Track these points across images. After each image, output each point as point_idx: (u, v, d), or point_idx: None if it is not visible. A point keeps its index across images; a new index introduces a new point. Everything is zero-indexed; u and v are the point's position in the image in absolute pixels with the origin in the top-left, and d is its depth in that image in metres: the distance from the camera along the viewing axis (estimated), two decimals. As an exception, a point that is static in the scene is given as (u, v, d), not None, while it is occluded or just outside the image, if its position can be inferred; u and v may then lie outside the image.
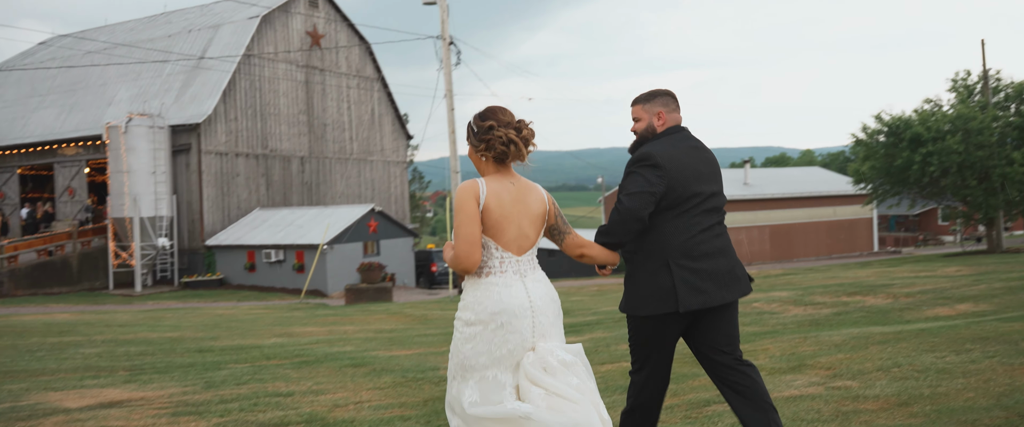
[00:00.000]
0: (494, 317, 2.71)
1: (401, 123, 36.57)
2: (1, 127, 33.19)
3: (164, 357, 8.58)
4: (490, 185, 2.80)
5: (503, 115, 2.89)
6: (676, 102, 3.40)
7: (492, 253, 2.79)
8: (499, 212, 2.77)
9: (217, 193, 28.60)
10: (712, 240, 3.21)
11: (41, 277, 24.96)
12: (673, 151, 3.20)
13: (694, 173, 3.22)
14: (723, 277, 3.19)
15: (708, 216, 3.23)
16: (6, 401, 5.69)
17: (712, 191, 3.26)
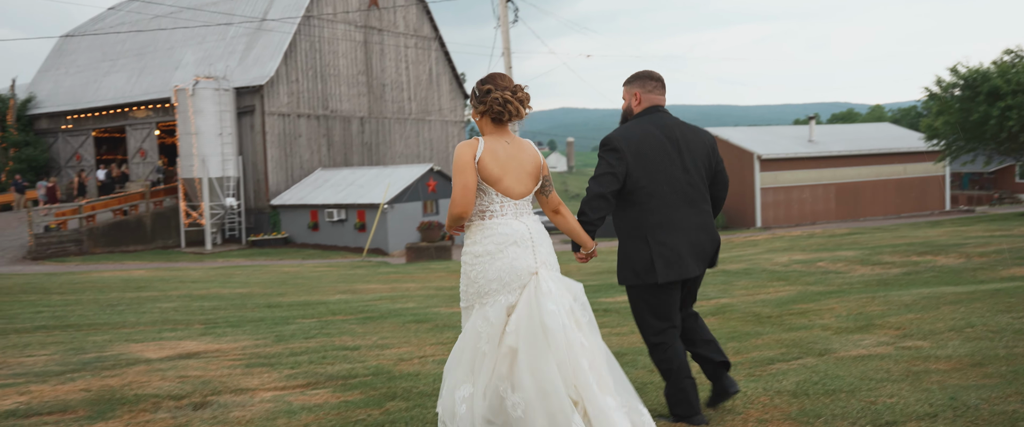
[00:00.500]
0: (500, 247, 3.10)
1: (458, 82, 36.58)
2: (75, 91, 34.43)
3: (236, 312, 8.90)
4: (487, 143, 3.17)
5: (501, 81, 3.23)
6: (656, 83, 3.66)
7: (493, 198, 3.18)
8: (495, 165, 3.14)
9: (280, 154, 29.22)
10: (691, 217, 3.51)
11: (117, 235, 26.05)
12: (639, 132, 3.49)
13: (662, 152, 3.48)
14: (699, 250, 3.53)
15: (684, 190, 3.50)
16: (91, 352, 6.01)
17: (684, 168, 3.51)
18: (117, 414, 4.07)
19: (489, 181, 3.15)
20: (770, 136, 38.83)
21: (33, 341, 6.64)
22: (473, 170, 3.12)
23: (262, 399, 4.36)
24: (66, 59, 36.54)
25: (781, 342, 5.53)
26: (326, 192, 27.75)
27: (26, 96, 35.04)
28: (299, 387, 4.66)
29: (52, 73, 36.32)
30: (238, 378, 4.90)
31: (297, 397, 4.39)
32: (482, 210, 3.20)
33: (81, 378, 4.94)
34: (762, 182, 34.79)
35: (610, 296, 9.40)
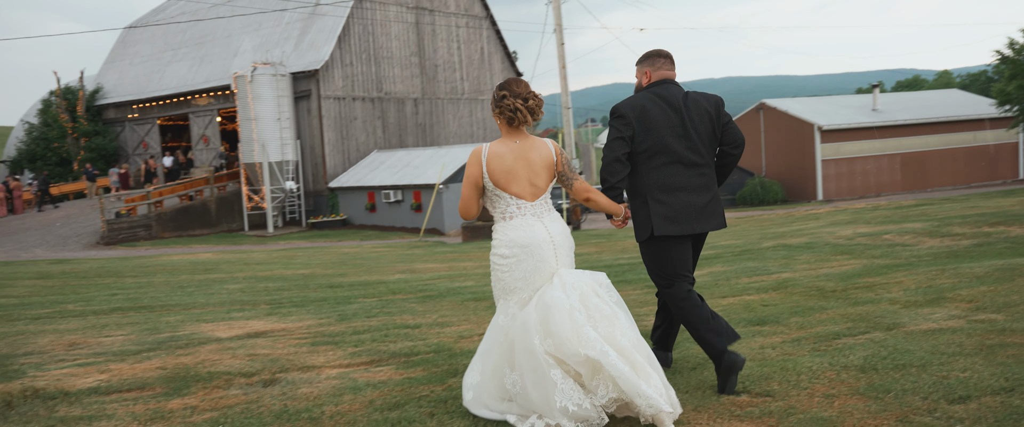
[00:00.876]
0: (524, 249, 3.30)
1: (510, 61, 36.49)
2: (140, 81, 35.51)
3: (299, 292, 9.12)
4: (493, 148, 3.39)
5: (516, 87, 3.44)
6: (665, 60, 3.91)
7: (508, 201, 3.38)
8: (501, 168, 3.33)
9: (337, 137, 29.68)
10: (690, 179, 3.75)
11: (184, 220, 26.91)
12: (642, 101, 3.76)
13: (666, 121, 3.73)
14: (698, 210, 3.74)
15: (684, 157, 3.74)
16: (165, 332, 6.24)
17: (685, 134, 3.74)
18: (192, 390, 4.22)
19: (500, 186, 3.35)
20: (831, 106, 37.75)
21: (110, 322, 6.93)
22: (473, 183, 3.38)
23: (328, 376, 4.47)
24: (130, 50, 37.67)
25: (847, 316, 5.42)
26: (382, 174, 28.12)
27: (94, 87, 36.28)
28: (363, 364, 4.76)
29: (117, 64, 37.51)
30: (304, 356, 5.03)
31: (361, 374, 4.49)
32: (502, 213, 3.43)
33: (156, 357, 5.14)
34: (823, 154, 33.90)
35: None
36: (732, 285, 7.64)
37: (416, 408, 3.69)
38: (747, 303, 6.41)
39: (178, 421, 3.68)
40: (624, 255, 13.20)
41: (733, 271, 8.86)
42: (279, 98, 27.52)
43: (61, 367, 4.93)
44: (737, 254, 11.14)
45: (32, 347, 5.72)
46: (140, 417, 3.76)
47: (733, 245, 13.11)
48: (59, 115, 34.71)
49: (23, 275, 12.85)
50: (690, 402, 3.56)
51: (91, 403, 4.04)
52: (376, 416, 3.60)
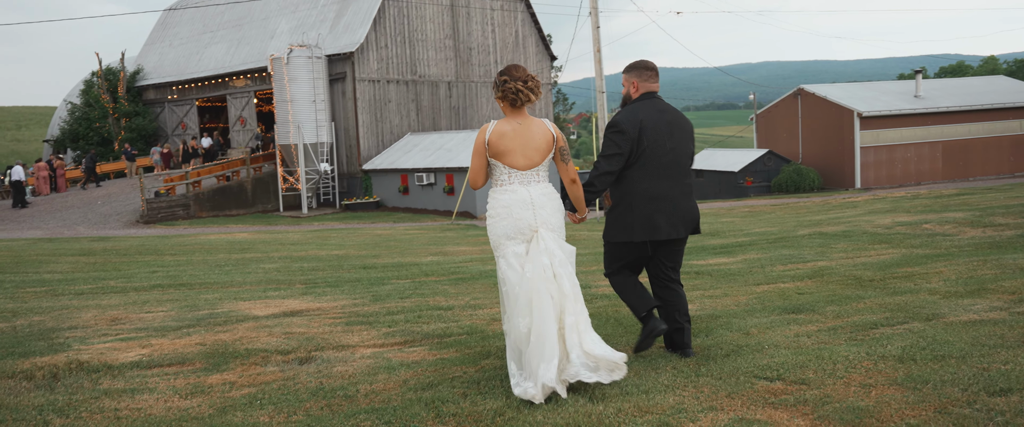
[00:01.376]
0: (505, 208, 3.78)
1: (545, 44, 36.30)
2: (179, 63, 36.02)
3: (333, 273, 9.23)
4: (497, 126, 3.81)
5: (516, 72, 3.82)
6: (651, 73, 4.19)
7: (502, 170, 3.82)
8: (502, 144, 3.78)
9: (371, 119, 29.84)
10: (672, 185, 4.07)
11: (220, 200, 27.33)
12: (638, 117, 4.04)
13: (655, 133, 4.02)
14: (678, 218, 4.07)
15: (668, 167, 4.05)
16: (204, 309, 6.37)
17: (671, 147, 4.06)
18: (231, 366, 4.31)
19: (496, 156, 3.81)
20: (871, 92, 36.98)
21: (151, 299, 7.09)
22: (481, 154, 3.83)
23: (362, 355, 4.53)
24: (170, 32, 38.20)
25: (885, 306, 5.34)
26: (415, 156, 28.24)
27: (134, 68, 36.90)
28: (397, 345, 4.82)
29: (157, 45, 38.07)
30: (339, 335, 5.10)
31: (395, 354, 4.54)
32: (496, 179, 3.87)
33: (196, 333, 5.25)
34: (862, 141, 33.27)
35: (702, 258, 9.25)
36: (767, 272, 7.57)
37: (449, 388, 3.73)
38: (782, 291, 6.35)
39: (217, 396, 3.76)
40: (657, 241, 13.14)
41: (768, 259, 8.78)
42: (314, 80, 27.73)
43: (104, 341, 5.06)
44: (772, 241, 11.02)
45: (76, 321, 5.88)
46: (181, 391, 3.85)
47: (768, 232, 12.98)
48: (101, 96, 35.38)
49: (66, 251, 13.18)
50: (724, 388, 3.55)
51: (133, 377, 4.15)
52: (410, 395, 3.64)
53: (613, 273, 4.26)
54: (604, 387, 3.61)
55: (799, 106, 36.19)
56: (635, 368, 3.99)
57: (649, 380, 3.76)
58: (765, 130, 38.92)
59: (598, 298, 6.36)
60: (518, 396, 3.49)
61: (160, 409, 3.57)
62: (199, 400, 3.70)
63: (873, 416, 3.09)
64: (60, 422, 3.40)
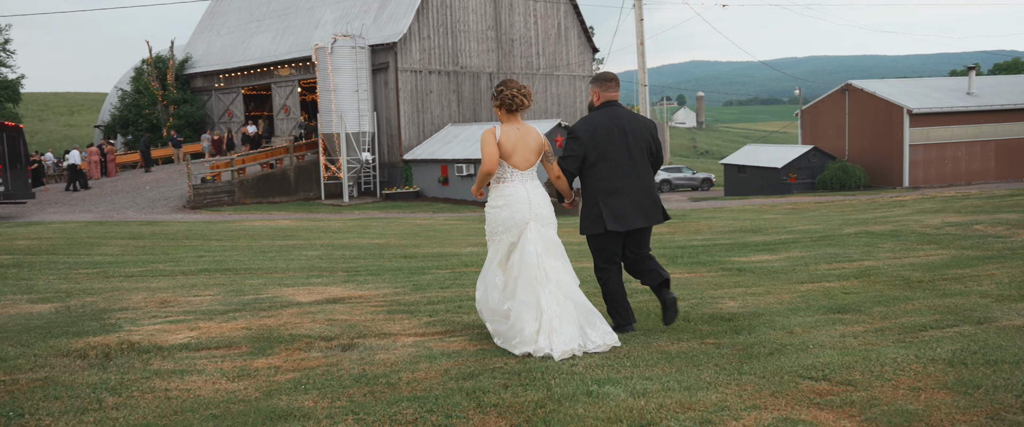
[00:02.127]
0: (506, 202, 4.40)
1: (587, 36, 36.11)
2: (226, 51, 36.64)
3: (374, 261, 9.33)
4: (503, 129, 4.45)
5: (512, 84, 4.50)
6: (612, 83, 4.78)
7: (506, 169, 4.46)
8: (508, 145, 4.41)
9: (412, 109, 30.03)
10: (632, 184, 4.65)
11: (264, 187, 27.78)
12: (596, 123, 4.65)
13: (608, 137, 4.63)
14: (639, 210, 4.65)
15: (626, 165, 4.64)
16: (249, 294, 6.49)
17: (627, 148, 4.64)
18: (276, 351, 4.39)
19: (503, 156, 4.40)
20: (922, 88, 36.05)
21: (198, 283, 7.25)
22: (495, 147, 4.38)
23: (404, 344, 4.57)
24: (217, 21, 38.85)
25: (934, 308, 5.22)
26: (456, 147, 28.34)
27: (183, 56, 37.64)
28: (438, 334, 4.85)
29: (205, 34, 38.76)
30: (381, 323, 5.15)
31: (436, 343, 4.58)
32: (499, 177, 4.49)
33: (242, 317, 5.36)
34: (911, 138, 32.48)
35: (744, 255, 9.15)
36: (811, 271, 7.45)
37: (490, 379, 3.75)
38: (827, 290, 6.25)
39: (263, 379, 3.83)
40: (697, 237, 13.01)
41: (812, 257, 8.64)
42: (358, 70, 27.98)
43: (154, 323, 5.19)
44: (816, 239, 10.85)
45: (127, 303, 6.04)
46: (228, 373, 3.93)
47: (812, 230, 12.77)
48: (150, 83, 36.17)
49: (116, 235, 13.53)
50: (767, 387, 3.51)
51: (182, 358, 4.25)
52: (452, 385, 3.67)
53: (604, 270, 4.74)
54: (645, 383, 3.61)
55: (846, 102, 35.46)
56: (677, 364, 3.97)
57: (690, 376, 3.73)
58: (811, 126, 38.24)
59: (638, 293, 6.32)
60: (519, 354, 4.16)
61: (208, 390, 3.65)
62: (246, 383, 3.78)
63: (923, 420, 3.02)
64: (113, 400, 3.50)
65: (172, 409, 3.39)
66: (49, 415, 3.30)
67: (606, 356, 4.18)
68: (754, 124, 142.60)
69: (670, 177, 43.26)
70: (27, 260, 9.17)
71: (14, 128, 21.05)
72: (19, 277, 7.63)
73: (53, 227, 15.29)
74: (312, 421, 3.21)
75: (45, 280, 7.42)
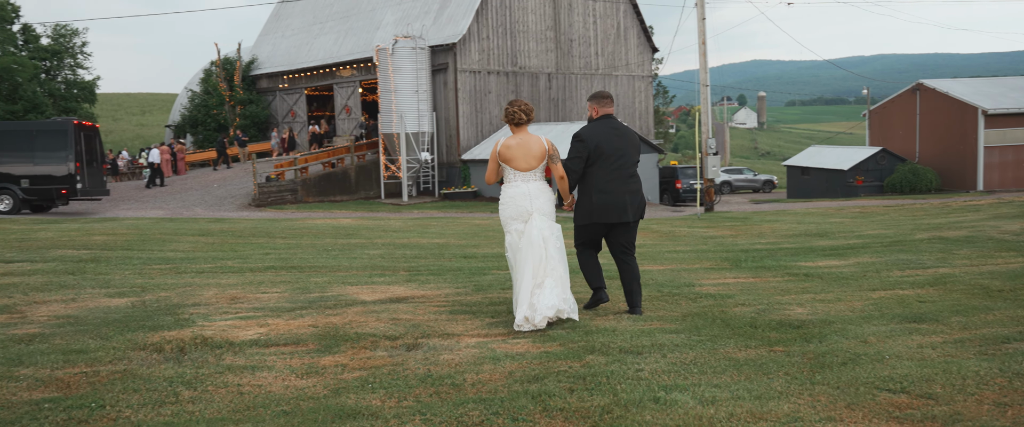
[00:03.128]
0: (511, 198, 5.24)
1: (646, 36, 35.74)
2: (290, 53, 37.47)
3: (435, 261, 9.40)
4: (506, 141, 5.29)
5: (517, 103, 5.33)
6: (607, 100, 5.62)
7: (509, 172, 5.28)
8: (509, 153, 5.25)
9: (471, 110, 30.20)
10: (620, 183, 5.42)
11: (326, 186, 28.31)
12: (595, 131, 5.46)
13: (607, 143, 5.42)
14: (623, 206, 5.41)
15: (617, 168, 5.43)
16: (315, 291, 6.61)
17: (619, 153, 5.44)
18: (342, 349, 4.45)
19: (505, 161, 5.28)
20: (998, 88, 34.60)
21: (265, 279, 7.42)
22: (495, 159, 5.31)
23: (467, 344, 4.59)
24: (282, 23, 39.76)
25: (1017, 319, 4.99)
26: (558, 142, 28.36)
27: (249, 58, 38.64)
28: (500, 336, 4.85)
29: (270, 36, 39.71)
30: (444, 323, 5.18)
31: (499, 345, 4.58)
32: (505, 178, 5.32)
33: (308, 315, 5.46)
34: (987, 140, 31.20)
35: (810, 260, 8.91)
36: (883, 278, 7.21)
37: (556, 382, 3.73)
38: (901, 298, 6.04)
39: (331, 377, 3.89)
40: (760, 241, 12.74)
41: (883, 263, 8.36)
42: (417, 71, 28.26)
43: (225, 319, 5.32)
44: (887, 245, 10.51)
45: (199, 299, 6.21)
46: (297, 370, 4.01)
47: (882, 235, 12.39)
48: (218, 84, 37.24)
49: (187, 231, 13.96)
50: (842, 398, 3.40)
51: (253, 354, 4.35)
52: (516, 387, 3.66)
53: (579, 247, 5.64)
54: (714, 390, 3.55)
55: (917, 102, 34.29)
56: (745, 372, 3.88)
57: (760, 385, 3.65)
58: (879, 127, 37.09)
59: (702, 297, 6.22)
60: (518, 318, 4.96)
61: (279, 387, 3.72)
62: (314, 380, 3.84)
63: (1011, 438, 2.89)
64: (189, 394, 3.60)
65: (244, 404, 3.47)
66: (129, 407, 3.41)
67: (672, 362, 4.12)
68: (818, 125, 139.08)
69: (731, 179, 42.50)
70: (104, 255, 9.53)
71: (91, 128, 21.93)
72: (97, 271, 7.93)
73: (127, 223, 15.86)
74: (380, 420, 3.24)
75: (121, 275, 7.70)
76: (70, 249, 10.11)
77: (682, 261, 9.36)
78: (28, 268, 8.14)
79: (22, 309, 5.75)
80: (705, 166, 22.70)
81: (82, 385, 3.74)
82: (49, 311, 5.67)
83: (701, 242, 12.68)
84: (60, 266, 8.31)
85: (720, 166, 27.83)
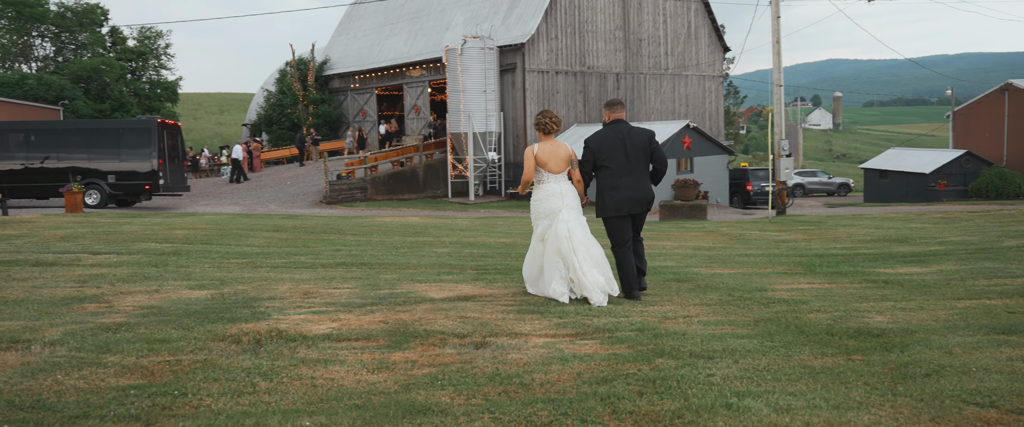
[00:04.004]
0: (544, 197, 6.16)
1: (718, 35, 35.12)
2: (362, 53, 38.21)
3: (502, 260, 9.43)
4: (540, 146, 6.20)
5: (546, 113, 6.27)
6: (619, 106, 6.40)
7: (543, 174, 6.20)
8: (543, 157, 6.14)
9: (538, 110, 30.20)
10: (628, 182, 6.21)
11: (395, 184, 28.76)
12: (601, 137, 6.28)
13: (614, 147, 6.22)
14: (632, 200, 6.22)
15: (624, 168, 6.20)
16: (384, 288, 6.71)
17: (626, 154, 6.20)
18: (412, 346, 4.51)
19: (540, 164, 6.17)
20: (1096, 89, 32.71)
21: (336, 275, 7.57)
22: (532, 160, 6.19)
23: (535, 344, 4.58)
24: (354, 24, 40.58)
25: (1118, 333, 4.70)
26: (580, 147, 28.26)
27: (322, 58, 39.57)
28: (568, 336, 4.84)
29: (343, 37, 40.58)
30: (512, 323, 5.19)
31: (567, 345, 4.56)
32: (539, 179, 6.25)
33: (378, 311, 5.55)
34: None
35: (890, 266, 8.59)
36: (968, 286, 6.90)
37: (625, 385, 3.69)
38: (987, 307, 5.76)
39: (401, 373, 3.95)
40: (836, 245, 12.36)
41: (968, 271, 8.00)
42: (486, 71, 28.44)
43: (299, 313, 5.46)
44: (972, 252, 10.06)
45: (274, 292, 6.39)
46: (368, 365, 4.08)
47: (966, 242, 11.87)
48: (292, 84, 38.26)
49: (261, 227, 14.37)
50: (927, 411, 3.26)
51: (326, 348, 4.44)
52: (585, 389, 3.64)
53: (615, 249, 6.32)
54: (789, 398, 3.45)
55: (1006, 103, 32.72)
56: (822, 381, 3.77)
57: (838, 394, 3.53)
58: (964, 129, 35.55)
59: (775, 302, 6.07)
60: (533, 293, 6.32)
61: (351, 381, 3.80)
62: (385, 375, 3.90)
63: (1113, 459, 2.72)
64: (265, 385, 3.71)
65: (318, 397, 3.55)
66: (209, 395, 3.53)
67: (744, 368, 4.03)
68: (897, 126, 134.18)
69: (804, 181, 41.37)
70: (184, 249, 9.89)
71: (173, 126, 22.82)
72: (178, 264, 8.24)
73: (206, 218, 16.44)
74: (449, 417, 3.27)
75: (201, 268, 7.98)
76: (153, 242, 10.53)
77: (753, 265, 9.16)
78: (115, 260, 8.51)
79: (110, 299, 6.02)
80: (778, 168, 22.16)
81: (165, 373, 3.89)
82: (134, 301, 5.92)
83: (773, 246, 12.37)
84: (144, 258, 8.67)
85: (793, 168, 27.08)
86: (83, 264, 8.07)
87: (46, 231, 11.67)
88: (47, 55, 43.57)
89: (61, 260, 8.33)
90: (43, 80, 36.50)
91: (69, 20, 41.83)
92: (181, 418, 3.25)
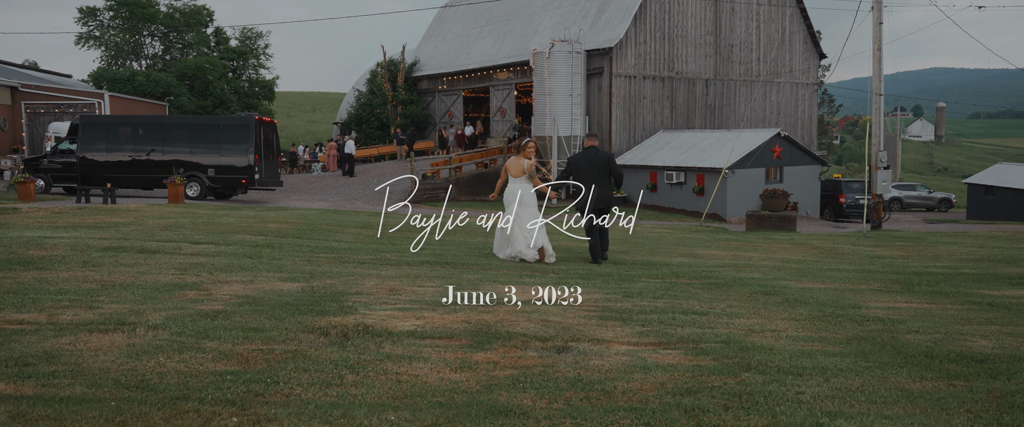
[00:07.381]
0: (510, 191, 9.18)
1: (814, 41, 34.00)
2: (450, 56, 38.77)
3: (583, 265, 9.38)
4: (511, 160, 9.29)
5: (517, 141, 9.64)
6: (593, 137, 9.86)
7: (510, 178, 9.22)
8: (511, 168, 9.23)
9: (624, 115, 29.96)
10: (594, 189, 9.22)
11: (477, 185, 29.03)
12: (578, 157, 9.59)
13: (584, 165, 9.44)
14: (596, 199, 9.27)
15: (590, 179, 9.27)
16: (467, 288, 6.78)
17: (594, 170, 9.34)
18: (494, 346, 4.54)
19: (508, 171, 9.17)
20: None
21: (421, 274, 7.70)
22: (504, 173, 9.27)
23: (617, 351, 4.54)
24: (444, 27, 41.23)
25: None
26: (667, 154, 27.88)
27: (412, 60, 40.36)
28: (651, 345, 4.77)
29: (432, 40, 41.28)
30: (594, 329, 5.16)
31: (650, 354, 4.50)
32: (507, 181, 9.20)
33: (462, 311, 5.61)
34: None
35: (995, 288, 8.13)
36: (1084, 313, 6.45)
37: (709, 398, 3.62)
38: (1107, 337, 5.37)
39: (483, 373, 3.98)
40: (936, 263, 11.77)
41: (1084, 296, 7.47)
42: (573, 74, 28.39)
43: (384, 309, 5.58)
44: (1089, 276, 9.39)
45: (361, 288, 6.55)
46: (451, 364, 4.13)
47: (1082, 265, 11.09)
48: (383, 84, 39.16)
49: (349, 223, 14.76)
50: None
51: (410, 344, 4.52)
52: (668, 399, 3.58)
53: (586, 228, 9.42)
54: (884, 422, 3.33)
55: None
56: (920, 405, 3.60)
57: (938, 420, 3.37)
58: (1080, 144, 33.25)
59: (870, 321, 5.83)
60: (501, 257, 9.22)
61: (434, 378, 3.85)
62: (467, 375, 3.94)
63: None
64: (352, 378, 3.80)
65: (402, 392, 3.61)
66: (299, 385, 3.65)
67: (836, 387, 3.88)
68: (1006, 140, 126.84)
69: (902, 195, 39.56)
70: (277, 242, 10.26)
71: (269, 123, 23.70)
72: (271, 256, 8.55)
73: (297, 213, 16.99)
74: (531, 420, 3.28)
75: (292, 261, 8.26)
76: (248, 234, 10.96)
77: (846, 280, 8.82)
78: (213, 250, 8.91)
79: (208, 287, 6.30)
80: (874, 180, 21.26)
81: (258, 361, 4.04)
82: (231, 291, 6.17)
83: (867, 261, 11.88)
84: (240, 249, 9.04)
85: (890, 181, 25.96)
86: (184, 253, 8.48)
87: (151, 220, 12.31)
88: (156, 53, 46.01)
89: (164, 248, 8.77)
90: (151, 77, 38.58)
91: (177, 20, 44.08)
92: (273, 405, 3.37)
